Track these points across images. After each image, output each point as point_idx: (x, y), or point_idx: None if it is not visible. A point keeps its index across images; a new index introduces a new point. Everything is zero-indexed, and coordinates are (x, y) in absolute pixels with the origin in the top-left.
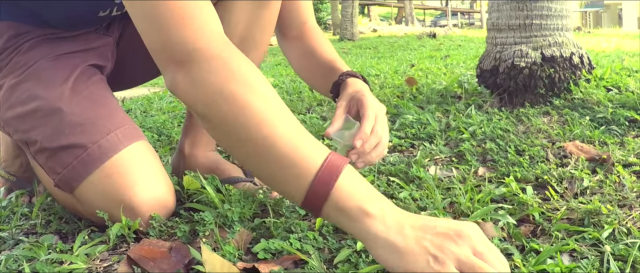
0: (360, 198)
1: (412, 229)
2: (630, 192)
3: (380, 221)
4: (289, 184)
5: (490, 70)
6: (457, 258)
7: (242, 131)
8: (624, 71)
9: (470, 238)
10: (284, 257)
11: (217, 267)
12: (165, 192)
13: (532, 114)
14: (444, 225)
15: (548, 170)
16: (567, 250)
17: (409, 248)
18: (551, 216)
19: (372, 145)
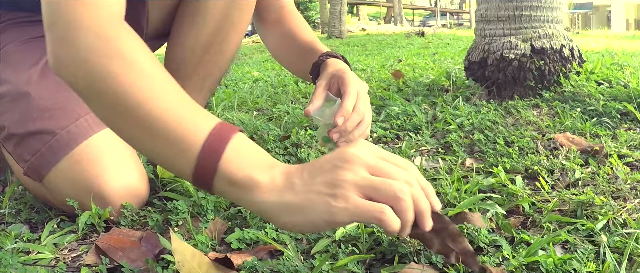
0: (250, 166)
1: (301, 181)
2: (624, 184)
3: (272, 187)
4: (177, 161)
5: (478, 62)
6: (355, 184)
7: (125, 110)
8: (615, 66)
9: (358, 157)
10: (259, 247)
11: (187, 257)
12: (138, 180)
13: (521, 106)
14: (327, 159)
15: (538, 161)
16: (560, 242)
17: (305, 199)
18: (542, 207)
19: (354, 123)
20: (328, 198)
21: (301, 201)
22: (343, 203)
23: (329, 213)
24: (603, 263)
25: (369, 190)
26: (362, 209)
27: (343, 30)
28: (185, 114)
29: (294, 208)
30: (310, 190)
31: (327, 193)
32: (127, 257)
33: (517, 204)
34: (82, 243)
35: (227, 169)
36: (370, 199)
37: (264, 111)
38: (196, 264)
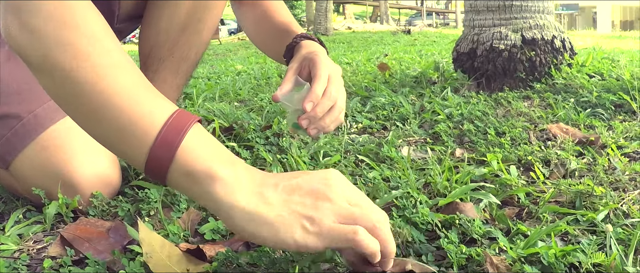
0: (211, 159)
1: (275, 194)
2: (623, 175)
3: (236, 188)
4: (130, 147)
5: (467, 53)
6: (334, 211)
7: (78, 85)
8: (606, 60)
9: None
10: (235, 238)
11: (156, 248)
12: (109, 167)
13: (512, 97)
14: (308, 179)
15: (531, 152)
16: (559, 233)
17: (279, 216)
18: (538, 198)
19: (325, 109)
20: (305, 220)
21: (273, 218)
22: (318, 229)
23: (302, 237)
24: (607, 255)
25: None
26: (337, 232)
27: (329, 27)
28: (143, 97)
29: (262, 222)
30: (286, 208)
31: (303, 215)
32: (94, 249)
33: (511, 194)
34: (48, 234)
35: (185, 160)
36: None
37: (246, 102)
38: (166, 255)
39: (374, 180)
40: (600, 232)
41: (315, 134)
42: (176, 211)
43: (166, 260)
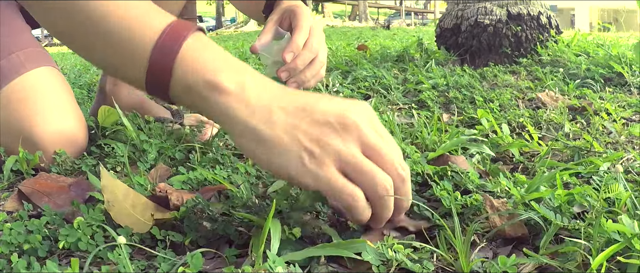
0: (213, 69)
1: (283, 113)
2: (619, 136)
3: (239, 100)
4: (129, 64)
5: (451, 29)
6: (339, 156)
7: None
8: (591, 41)
9: (358, 127)
10: (206, 188)
11: (118, 196)
12: (75, 125)
13: (498, 71)
14: (324, 108)
15: (521, 115)
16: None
17: (278, 138)
18: (532, 157)
19: (306, 61)
20: (305, 153)
21: (273, 139)
22: (316, 168)
23: (296, 170)
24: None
25: (352, 170)
26: (334, 184)
27: None
28: (138, 11)
29: (261, 140)
30: (289, 132)
31: (306, 148)
32: (53, 203)
33: (505, 149)
34: (6, 190)
35: (185, 72)
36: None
37: None
38: (129, 204)
39: None
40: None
41: (295, 88)
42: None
43: (130, 208)
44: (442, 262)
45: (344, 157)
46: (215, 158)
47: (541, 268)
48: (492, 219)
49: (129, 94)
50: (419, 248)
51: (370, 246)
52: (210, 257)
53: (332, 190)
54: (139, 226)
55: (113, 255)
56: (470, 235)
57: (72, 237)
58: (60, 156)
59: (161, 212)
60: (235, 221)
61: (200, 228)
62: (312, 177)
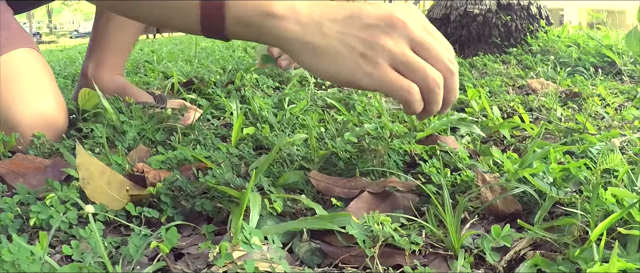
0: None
1: (333, 24)
2: (612, 120)
3: (293, 21)
4: (182, 13)
5: (440, 19)
6: (390, 55)
7: None
8: (582, 33)
9: (405, 26)
10: (186, 166)
11: (94, 173)
12: (54, 108)
13: (487, 60)
14: (371, 12)
15: (512, 100)
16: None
17: (332, 48)
18: (525, 138)
19: None
20: (358, 57)
21: (327, 48)
22: (371, 68)
23: (353, 73)
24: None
25: (403, 67)
26: (390, 81)
27: None
28: None
29: (317, 52)
30: (341, 40)
31: (358, 51)
32: (29, 184)
33: (495, 130)
34: None
35: (237, 7)
36: (399, 72)
37: (208, 68)
38: (105, 182)
39: (343, 121)
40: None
41: (286, 65)
42: (121, 142)
43: (105, 186)
44: (431, 238)
45: (395, 55)
46: (197, 139)
47: (536, 244)
48: (483, 194)
49: (111, 79)
50: (407, 224)
51: (354, 220)
52: (188, 233)
53: (388, 87)
54: (114, 203)
55: (85, 232)
56: (461, 210)
57: (44, 214)
58: (39, 139)
59: (137, 189)
60: (215, 199)
61: (178, 205)
62: (368, 78)
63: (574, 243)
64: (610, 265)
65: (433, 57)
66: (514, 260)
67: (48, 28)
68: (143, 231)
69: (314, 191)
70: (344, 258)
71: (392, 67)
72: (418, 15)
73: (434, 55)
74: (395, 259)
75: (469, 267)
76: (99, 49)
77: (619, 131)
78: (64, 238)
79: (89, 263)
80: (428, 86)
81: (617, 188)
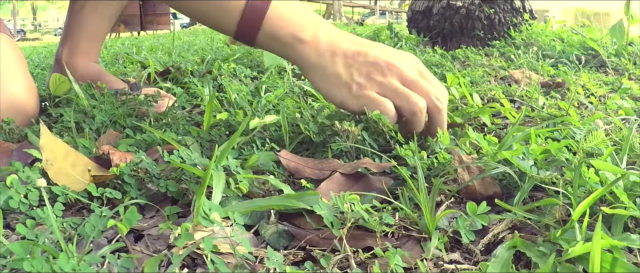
0: (294, 25)
1: (343, 55)
2: (596, 110)
3: (313, 47)
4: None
5: (423, 11)
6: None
7: None
8: (566, 28)
9: (399, 69)
10: (153, 149)
11: (58, 156)
12: (24, 93)
13: (470, 52)
14: (376, 53)
15: (493, 88)
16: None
17: (336, 73)
18: (506, 125)
19: None
20: (354, 84)
21: (333, 74)
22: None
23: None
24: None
25: (390, 94)
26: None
27: None
28: None
29: (325, 74)
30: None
31: (356, 81)
32: None
33: (476, 116)
34: None
35: (273, 26)
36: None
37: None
38: (69, 163)
39: (320, 107)
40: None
41: None
42: (89, 125)
43: (69, 168)
44: (405, 221)
45: (384, 86)
46: (168, 124)
47: (516, 227)
48: (460, 174)
49: (85, 66)
50: (380, 207)
51: (323, 201)
52: (151, 215)
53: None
54: (78, 185)
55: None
56: (435, 191)
57: (3, 195)
58: (8, 124)
59: (101, 170)
60: (182, 181)
61: (143, 187)
62: (356, 101)
63: (555, 225)
64: (593, 243)
65: (420, 91)
66: (492, 243)
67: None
68: (103, 212)
69: (285, 174)
70: (311, 240)
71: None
72: (414, 63)
73: (421, 90)
74: (366, 241)
75: (443, 247)
76: (74, 35)
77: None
78: (23, 220)
79: (42, 242)
80: (410, 108)
81: (600, 161)
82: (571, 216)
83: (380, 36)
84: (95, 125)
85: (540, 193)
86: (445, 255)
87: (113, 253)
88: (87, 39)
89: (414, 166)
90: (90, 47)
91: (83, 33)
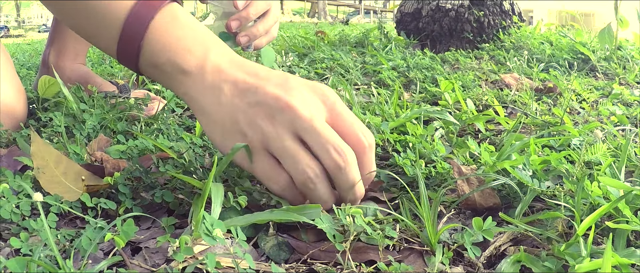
0: (178, 49)
1: (230, 94)
2: (588, 115)
3: (197, 81)
4: (103, 37)
5: (412, 13)
6: (265, 139)
7: None
8: (554, 31)
9: (294, 111)
10: (146, 156)
11: (50, 163)
12: (12, 96)
13: (460, 55)
14: (268, 91)
15: (486, 93)
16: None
17: (222, 121)
18: (500, 132)
19: (258, 10)
20: (238, 133)
21: (218, 121)
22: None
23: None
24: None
25: (276, 154)
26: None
27: None
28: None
29: (209, 117)
30: (230, 112)
31: (240, 129)
32: None
33: (470, 123)
34: None
35: (153, 51)
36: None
37: None
38: (61, 171)
39: None
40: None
41: (246, 42)
42: (79, 129)
43: (61, 176)
44: (406, 233)
45: (269, 140)
46: (159, 129)
47: (517, 239)
48: (460, 186)
49: (72, 68)
50: (382, 220)
51: (324, 213)
52: (147, 226)
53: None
54: (70, 194)
55: (37, 224)
56: (437, 203)
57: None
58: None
59: (94, 180)
60: (177, 191)
61: (138, 197)
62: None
63: (558, 238)
64: (604, 261)
65: (319, 146)
66: (493, 255)
67: (16, 22)
68: (99, 223)
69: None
70: (313, 254)
71: (268, 152)
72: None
73: (320, 145)
74: (368, 254)
75: (448, 263)
76: (61, 37)
77: (598, 123)
78: (16, 231)
79: (38, 257)
80: (298, 178)
81: (605, 177)
82: (573, 229)
83: (369, 37)
84: (86, 130)
85: (539, 204)
86: (449, 269)
87: (111, 267)
88: (75, 41)
89: (412, 176)
90: (77, 49)
91: (70, 34)
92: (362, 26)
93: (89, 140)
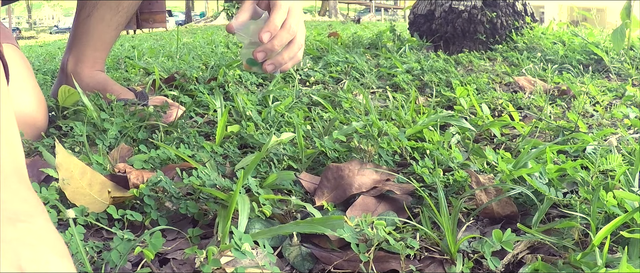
0: None
1: None
2: (602, 118)
3: None
4: None
5: (425, 15)
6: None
7: None
8: (567, 31)
9: None
10: (169, 166)
11: (75, 174)
12: (34, 106)
13: (473, 57)
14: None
15: (500, 97)
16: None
17: None
18: (515, 136)
19: (283, 42)
20: None
21: None
22: None
23: None
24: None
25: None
26: None
27: None
28: None
29: None
30: None
31: None
32: None
33: (486, 129)
34: None
35: None
36: None
37: (190, 63)
38: (86, 183)
39: (330, 118)
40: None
41: (272, 70)
42: (102, 140)
43: (86, 187)
44: (426, 241)
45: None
46: (180, 137)
47: (534, 247)
48: (478, 196)
49: (91, 75)
50: (401, 227)
51: (348, 223)
52: (172, 237)
53: None
54: (96, 205)
55: (65, 236)
56: (456, 212)
57: None
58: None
59: (119, 191)
60: (201, 201)
61: (162, 207)
62: None
63: (574, 247)
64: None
65: None
66: (511, 263)
67: (28, 23)
68: (126, 235)
69: (302, 191)
70: (337, 264)
71: None
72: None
73: None
74: (390, 264)
75: (468, 272)
76: (79, 44)
77: (612, 129)
78: None
79: None
80: None
81: (619, 191)
82: (588, 237)
83: (383, 39)
84: (108, 140)
85: (555, 210)
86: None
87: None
88: (94, 48)
89: (430, 184)
90: (96, 56)
91: (90, 42)
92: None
93: (110, 149)
